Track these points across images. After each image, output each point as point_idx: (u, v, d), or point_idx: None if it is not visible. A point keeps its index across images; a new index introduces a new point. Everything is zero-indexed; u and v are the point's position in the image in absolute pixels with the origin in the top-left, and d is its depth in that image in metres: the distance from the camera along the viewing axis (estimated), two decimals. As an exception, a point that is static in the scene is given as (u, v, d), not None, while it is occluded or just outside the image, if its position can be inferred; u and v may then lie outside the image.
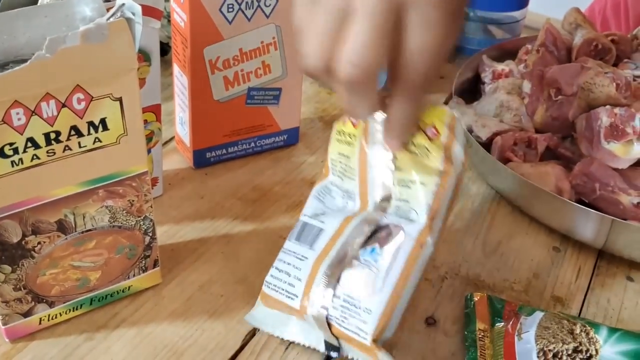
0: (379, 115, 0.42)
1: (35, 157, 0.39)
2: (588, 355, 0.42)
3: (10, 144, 0.38)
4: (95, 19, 0.40)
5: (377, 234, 0.43)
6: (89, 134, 0.41)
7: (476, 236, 0.57)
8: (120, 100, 0.41)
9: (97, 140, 0.41)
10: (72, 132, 0.40)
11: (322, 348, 0.44)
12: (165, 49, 0.73)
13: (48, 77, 0.37)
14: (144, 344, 0.45)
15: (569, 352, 0.42)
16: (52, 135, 0.39)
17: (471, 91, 0.74)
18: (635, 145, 0.58)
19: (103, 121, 0.41)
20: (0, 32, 0.39)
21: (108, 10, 0.42)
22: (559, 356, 0.42)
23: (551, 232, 0.58)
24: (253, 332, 0.47)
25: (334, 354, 0.43)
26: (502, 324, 0.46)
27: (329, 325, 0.41)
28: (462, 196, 0.62)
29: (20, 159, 0.39)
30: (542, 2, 0.99)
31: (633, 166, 0.58)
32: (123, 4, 0.40)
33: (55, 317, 0.46)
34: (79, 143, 0.41)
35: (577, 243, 0.57)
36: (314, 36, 0.37)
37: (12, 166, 0.39)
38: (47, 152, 0.40)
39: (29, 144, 0.39)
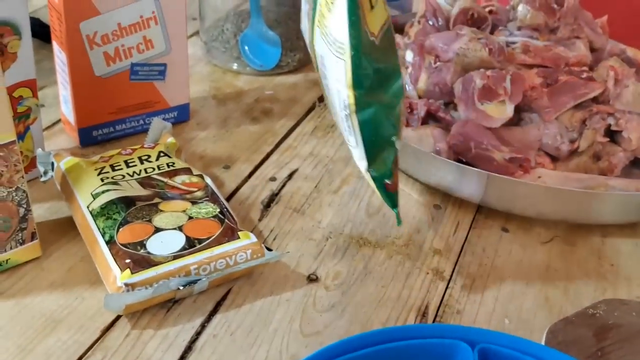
0: None
1: None
2: None
3: None
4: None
5: None
6: (-53, 101, 0.40)
7: (361, 199, 0.59)
8: (-22, 67, 0.41)
9: (-44, 108, 0.41)
10: None
11: None
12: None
13: None
14: (21, 315, 0.45)
15: None
16: None
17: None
18: (507, 105, 0.61)
19: (-38, 88, 0.40)
20: None
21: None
22: None
23: (434, 192, 0.61)
24: (135, 298, 0.47)
25: None
26: None
27: None
28: (350, 164, 0.64)
29: None
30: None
31: (505, 125, 0.61)
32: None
33: None
34: (-63, 111, 0.40)
35: (457, 200, 0.60)
36: None
37: None
38: None
39: None
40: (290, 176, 0.61)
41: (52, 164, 0.53)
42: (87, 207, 0.48)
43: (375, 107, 0.44)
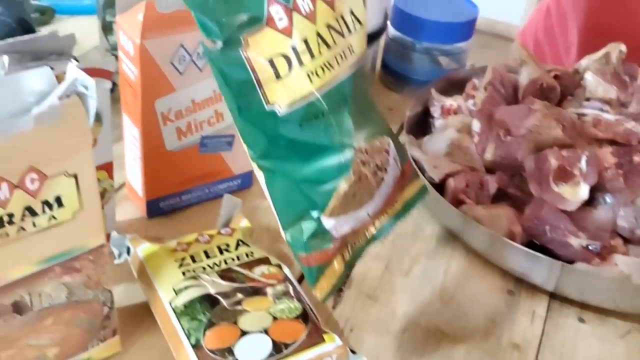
0: None
1: (-13, 241, 0.38)
2: None
3: (-39, 231, 0.36)
4: (46, 93, 0.39)
5: None
6: (43, 212, 0.39)
7: (433, 283, 0.58)
8: (75, 176, 0.40)
9: (52, 218, 0.40)
10: (26, 213, 0.38)
11: None
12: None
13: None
14: (105, 420, 0.44)
15: None
16: (5, 219, 0.38)
17: (419, 123, 0.75)
18: (582, 186, 0.60)
19: (58, 199, 0.39)
20: (-55, 110, 0.37)
21: (58, 79, 0.40)
22: None
23: (505, 275, 0.60)
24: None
25: None
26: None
27: None
28: (418, 238, 0.63)
29: (-28, 245, 0.37)
30: (490, 5, 0.99)
31: (581, 207, 0.60)
32: (76, 78, 0.39)
33: (11, 396, 0.44)
34: (34, 223, 0.39)
35: (531, 285, 0.59)
36: None
37: (-37, 253, 0.37)
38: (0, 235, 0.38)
39: (-19, 230, 0.37)
40: (359, 254, 0.60)
41: (128, 248, 0.52)
42: (170, 303, 0.47)
43: (282, 175, 0.41)
